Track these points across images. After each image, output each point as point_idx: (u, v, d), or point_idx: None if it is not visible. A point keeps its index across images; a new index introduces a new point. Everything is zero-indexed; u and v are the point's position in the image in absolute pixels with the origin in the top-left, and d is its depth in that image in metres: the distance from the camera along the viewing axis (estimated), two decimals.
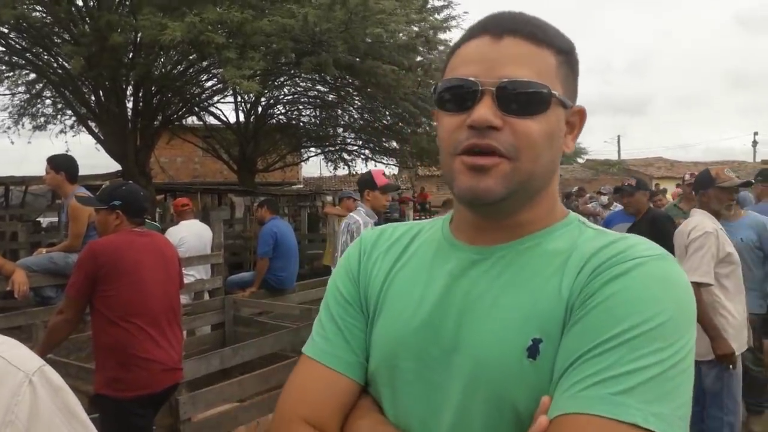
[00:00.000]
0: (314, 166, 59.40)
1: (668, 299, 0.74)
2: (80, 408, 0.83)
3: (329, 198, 17.98)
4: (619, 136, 46.86)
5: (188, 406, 3.36)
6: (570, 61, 0.86)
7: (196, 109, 14.12)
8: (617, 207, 8.27)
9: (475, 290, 0.84)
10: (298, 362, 0.97)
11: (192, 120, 15.74)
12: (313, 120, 16.71)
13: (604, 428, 0.67)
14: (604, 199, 9.95)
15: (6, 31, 9.84)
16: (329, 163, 18.19)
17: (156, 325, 2.76)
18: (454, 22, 11.29)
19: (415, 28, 10.34)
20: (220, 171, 21.21)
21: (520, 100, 0.79)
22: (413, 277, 0.92)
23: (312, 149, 18.28)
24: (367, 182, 4.31)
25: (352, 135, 16.60)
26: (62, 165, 4.02)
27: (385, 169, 16.38)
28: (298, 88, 14.86)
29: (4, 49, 10.83)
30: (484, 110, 0.79)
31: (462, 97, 0.82)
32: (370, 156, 16.67)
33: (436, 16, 11.28)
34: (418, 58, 11.00)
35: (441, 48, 10.78)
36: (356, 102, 14.33)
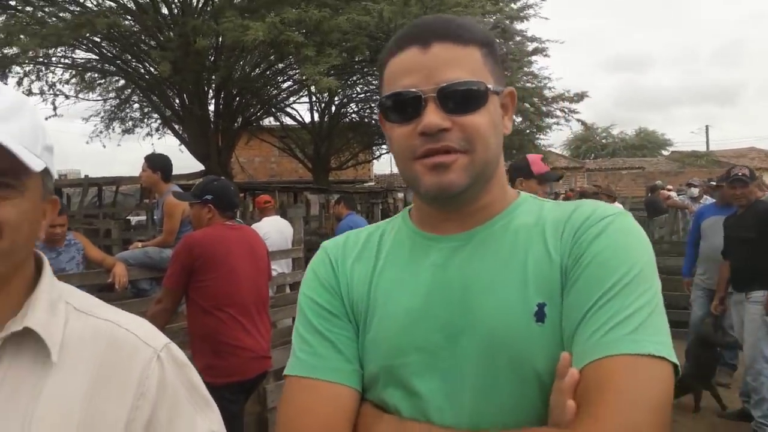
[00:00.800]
0: (386, 164, 59.86)
1: (641, 249, 0.85)
2: (201, 383, 0.88)
3: (401, 194, 18.03)
4: (707, 126, 44.20)
5: (275, 394, 3.46)
6: (492, 51, 0.92)
7: (273, 110, 14.53)
8: (707, 200, 7.82)
9: (466, 274, 0.89)
10: (286, 386, 0.94)
11: (269, 121, 16.21)
12: None
13: (630, 363, 0.76)
14: (695, 191, 9.44)
15: (98, 40, 10.47)
16: None
17: (247, 314, 2.85)
18: (531, 11, 11.05)
19: (491, 19, 10.18)
20: (295, 170, 21.74)
21: (461, 99, 0.86)
22: (398, 276, 0.94)
23: (384, 147, 18.39)
24: (520, 169, 3.45)
25: None
26: (158, 164, 4.21)
27: None
28: (371, 86, 14.98)
29: (97, 57, 11.54)
30: (432, 116, 0.85)
31: (407, 107, 0.87)
32: None
33: (512, 5, 11.06)
34: None
35: (518, 38, 10.56)
36: None
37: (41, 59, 10.58)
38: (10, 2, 9.47)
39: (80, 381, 0.77)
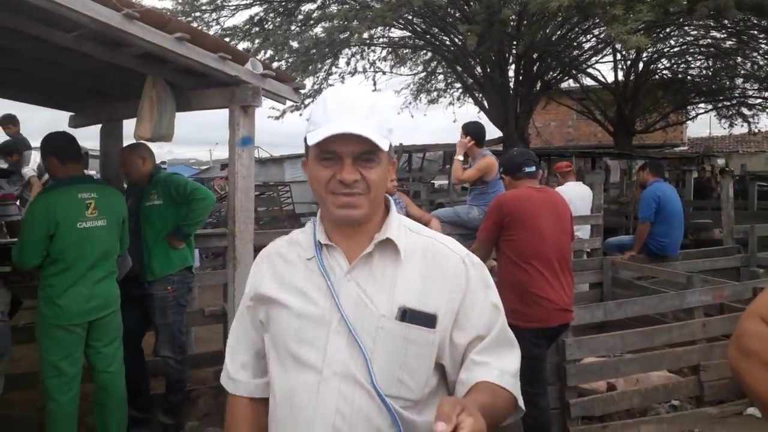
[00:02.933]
0: (702, 125, 52.54)
1: None
2: (492, 281, 1.28)
3: (721, 160, 15.94)
4: None
5: (573, 348, 3.63)
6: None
7: (574, 72, 14.15)
8: None
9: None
10: None
11: (568, 84, 15.83)
12: (704, 72, 14.92)
13: None
14: None
15: (410, 17, 11.55)
16: (722, 120, 16.08)
17: (550, 268, 3.09)
18: None
19: None
20: (593, 134, 20.85)
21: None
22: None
23: (701, 105, 16.42)
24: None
25: (756, 85, 14.25)
26: (472, 131, 4.69)
27: None
28: (687, 38, 13.43)
29: (409, 33, 12.77)
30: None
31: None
32: None
33: None
34: None
35: None
36: (763, 46, 12.22)
37: (366, 40, 12.15)
38: None
39: (417, 273, 1.21)
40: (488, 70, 11.96)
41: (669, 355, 4.01)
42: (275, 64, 8.97)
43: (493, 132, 13.21)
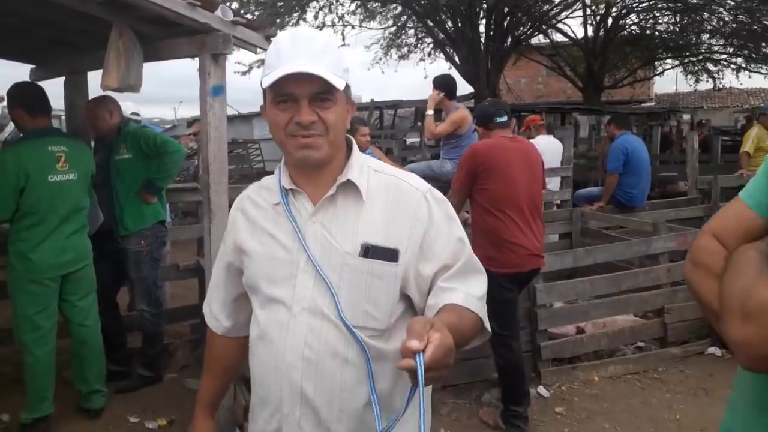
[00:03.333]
0: (669, 82, 53.30)
1: None
2: (455, 214, 1.32)
3: (686, 116, 16.21)
4: None
5: (544, 294, 3.76)
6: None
7: (544, 27, 14.10)
8: None
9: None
10: None
11: (538, 39, 15.80)
12: (671, 28, 15.02)
13: None
14: None
15: None
16: (688, 77, 16.30)
17: (522, 216, 3.16)
18: None
19: None
20: (563, 90, 20.97)
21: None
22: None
23: (668, 61, 16.58)
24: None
25: (721, 41, 14.44)
26: (441, 84, 4.68)
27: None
28: None
29: None
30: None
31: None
32: (743, 65, 14.35)
33: None
34: None
35: None
36: (729, 1, 12.33)
37: None
38: None
39: (380, 211, 1.23)
40: (459, 24, 11.85)
41: (635, 299, 4.18)
42: None
43: (464, 89, 13.22)
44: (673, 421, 3.43)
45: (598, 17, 14.70)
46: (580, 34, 15.37)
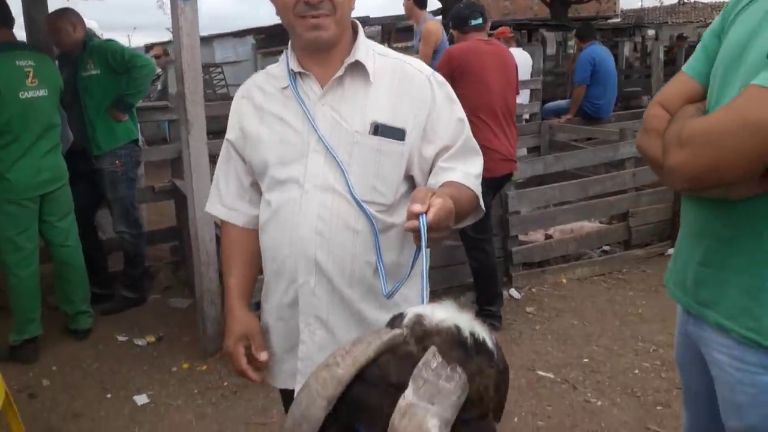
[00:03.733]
0: None
1: None
2: (455, 96, 1.36)
3: (651, 32, 16.20)
4: None
5: (515, 201, 3.88)
6: None
7: None
8: None
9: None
10: None
11: None
12: None
13: None
14: None
15: None
16: None
17: (496, 120, 3.22)
18: None
19: None
20: (530, 7, 20.63)
21: None
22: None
23: None
24: None
25: None
26: None
27: None
28: None
29: None
30: None
31: None
32: None
33: None
34: None
35: None
36: None
37: None
38: None
39: (386, 92, 1.29)
40: None
41: (602, 204, 4.35)
42: None
43: (433, 4, 12.89)
44: (635, 315, 3.67)
45: None
46: None
